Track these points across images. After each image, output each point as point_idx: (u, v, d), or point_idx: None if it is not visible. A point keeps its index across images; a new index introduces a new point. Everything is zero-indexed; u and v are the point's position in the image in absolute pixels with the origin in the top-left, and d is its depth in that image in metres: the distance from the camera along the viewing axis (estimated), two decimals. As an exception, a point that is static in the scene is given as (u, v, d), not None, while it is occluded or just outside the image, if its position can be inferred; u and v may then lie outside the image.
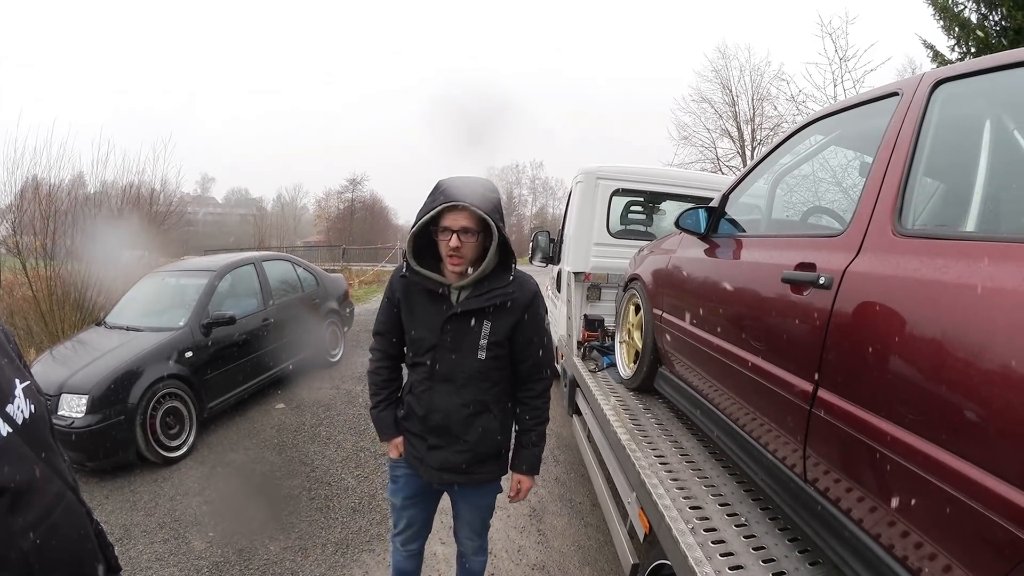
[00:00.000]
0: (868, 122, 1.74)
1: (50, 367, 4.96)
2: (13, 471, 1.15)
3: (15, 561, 1.12)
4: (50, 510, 1.24)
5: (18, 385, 1.27)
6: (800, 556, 1.74)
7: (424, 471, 2.19)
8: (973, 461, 1.02)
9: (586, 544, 3.64)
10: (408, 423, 2.20)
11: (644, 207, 5.39)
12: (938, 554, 1.12)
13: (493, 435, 2.18)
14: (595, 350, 4.37)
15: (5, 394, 1.21)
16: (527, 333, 2.13)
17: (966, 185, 1.38)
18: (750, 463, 1.98)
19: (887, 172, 1.49)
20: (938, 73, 1.50)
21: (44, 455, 1.29)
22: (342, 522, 3.92)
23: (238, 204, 55.88)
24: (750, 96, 21.18)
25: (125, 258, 9.80)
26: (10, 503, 1.12)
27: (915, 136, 1.45)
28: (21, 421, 1.23)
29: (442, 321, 2.04)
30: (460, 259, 1.96)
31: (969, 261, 1.13)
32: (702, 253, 2.49)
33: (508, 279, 2.07)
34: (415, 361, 2.14)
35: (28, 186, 9.24)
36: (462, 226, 1.92)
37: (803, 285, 1.62)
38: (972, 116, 1.47)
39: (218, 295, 6.02)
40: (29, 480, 1.19)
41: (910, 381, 1.20)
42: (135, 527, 3.88)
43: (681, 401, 2.68)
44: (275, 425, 5.81)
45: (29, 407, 1.27)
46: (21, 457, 1.19)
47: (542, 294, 2.21)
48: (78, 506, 1.35)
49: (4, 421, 1.16)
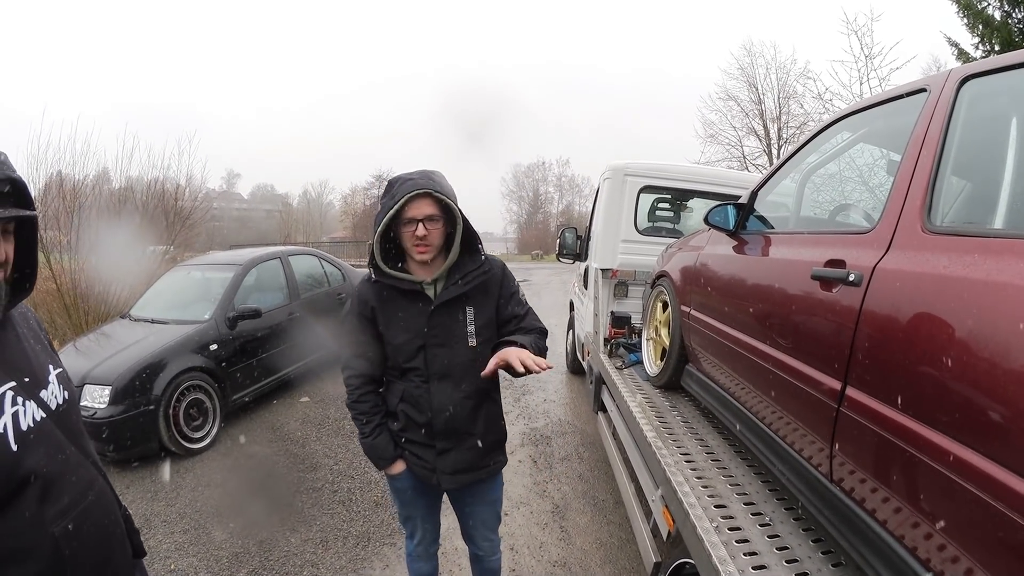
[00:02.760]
0: (896, 119, 1.72)
1: (73, 358, 5.03)
2: (46, 457, 1.20)
3: (46, 547, 1.16)
4: (82, 495, 1.27)
5: (52, 371, 1.33)
6: (823, 557, 1.72)
7: (438, 478, 2.16)
8: (999, 462, 1.00)
9: (608, 542, 3.63)
10: (408, 433, 2.15)
11: (672, 204, 5.36)
12: (962, 558, 1.09)
13: (497, 420, 2.22)
14: (622, 347, 4.35)
15: (40, 380, 1.27)
16: (509, 304, 2.15)
17: (995, 182, 1.35)
18: (776, 461, 1.96)
19: (916, 169, 1.47)
20: (965, 69, 1.48)
21: (76, 441, 1.32)
22: (364, 515, 3.96)
23: (264, 200, 56.34)
24: (776, 94, 20.94)
25: (149, 253, 9.99)
26: (41, 491, 1.16)
27: (943, 132, 1.44)
28: (55, 407, 1.28)
29: (425, 318, 2.04)
30: (427, 247, 1.97)
31: (999, 258, 1.11)
32: (731, 250, 2.47)
33: (481, 259, 2.09)
34: (406, 367, 2.09)
35: (52, 181, 9.48)
36: (427, 214, 1.93)
37: (832, 282, 1.61)
38: (1000, 112, 1.44)
39: (244, 289, 6.11)
40: (62, 466, 1.23)
41: (939, 380, 1.17)
42: (155, 517, 3.96)
43: (707, 398, 2.66)
44: (299, 418, 5.89)
45: (63, 393, 1.33)
46: (54, 443, 1.23)
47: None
48: (108, 491, 1.39)
49: (39, 406, 1.22)
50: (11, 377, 1.19)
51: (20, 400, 1.18)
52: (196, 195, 11.99)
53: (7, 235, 1.20)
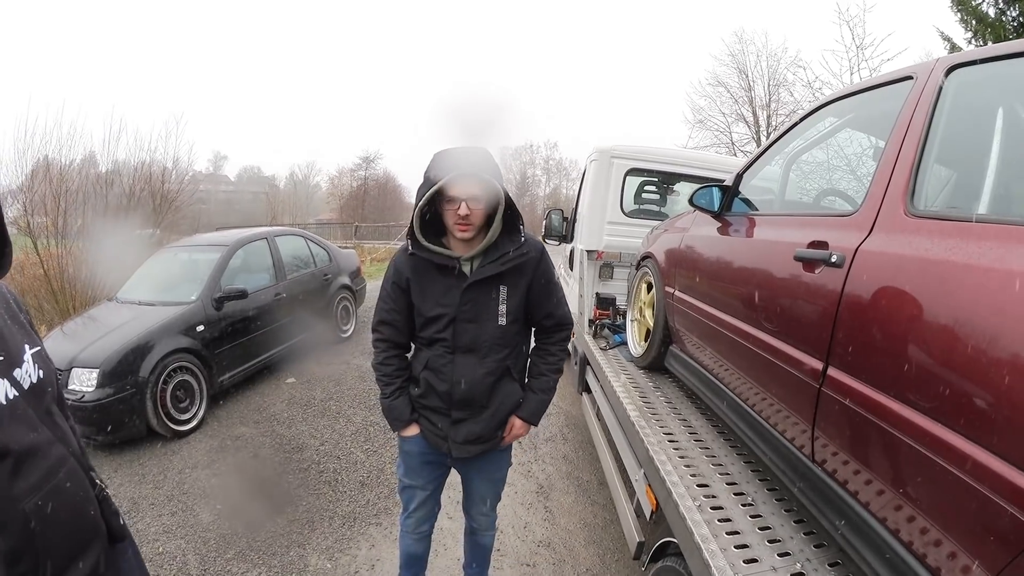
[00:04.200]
0: (882, 105, 1.73)
1: (60, 342, 4.98)
2: (17, 434, 1.20)
3: (17, 522, 1.18)
4: (52, 473, 1.27)
5: (27, 350, 1.33)
6: (805, 538, 1.74)
7: (450, 446, 2.19)
8: (976, 441, 1.02)
9: (592, 522, 3.67)
10: (427, 400, 2.18)
11: (658, 187, 5.36)
12: (943, 539, 1.12)
13: (514, 396, 2.22)
14: (606, 328, 4.37)
15: (14, 358, 1.29)
16: (543, 288, 2.16)
17: (978, 168, 1.38)
18: (758, 442, 1.99)
19: (900, 154, 1.49)
20: (952, 58, 1.49)
21: (49, 419, 1.33)
22: (350, 496, 3.97)
23: (251, 182, 55.29)
24: (766, 82, 20.84)
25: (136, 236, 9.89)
26: (12, 466, 1.17)
27: (928, 119, 1.45)
28: (28, 385, 1.28)
29: (460, 293, 2.05)
30: (469, 226, 1.97)
31: (980, 242, 1.13)
32: (715, 231, 2.47)
33: (521, 240, 2.08)
34: (433, 337, 2.12)
35: (39, 166, 9.35)
36: (471, 194, 1.92)
37: (815, 263, 1.62)
38: (985, 101, 1.46)
39: (230, 270, 6.04)
40: (33, 443, 1.23)
41: (918, 360, 1.19)
42: (143, 500, 3.95)
43: (691, 379, 2.68)
44: (285, 399, 5.87)
45: (37, 372, 1.33)
46: (26, 421, 1.24)
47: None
48: (80, 471, 1.38)
49: (11, 385, 1.23)
50: None
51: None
52: (183, 178, 11.86)
53: None
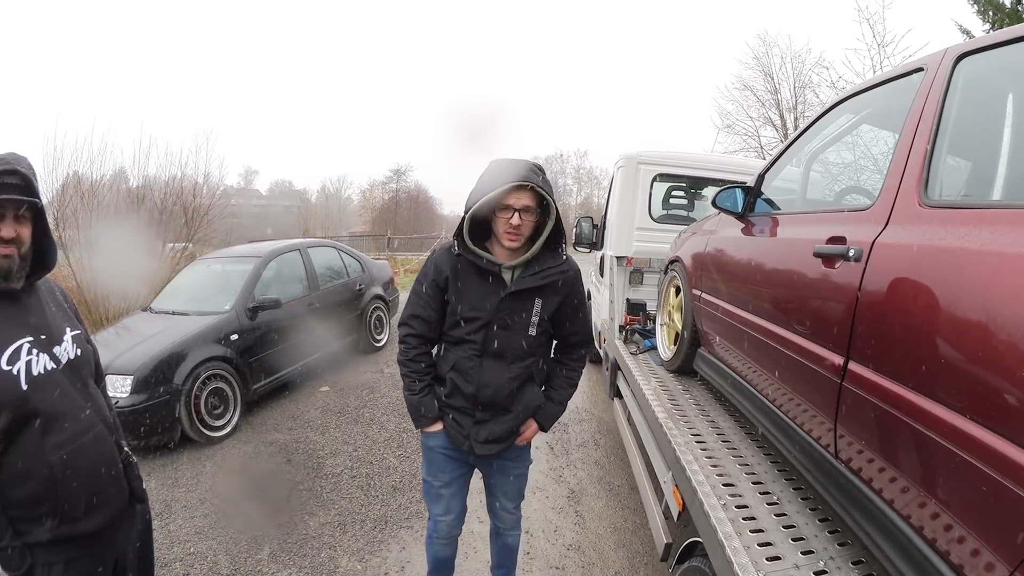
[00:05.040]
0: (895, 99, 1.73)
1: (94, 350, 5.12)
2: (49, 399, 1.55)
3: (42, 472, 1.52)
4: (80, 435, 1.61)
5: (68, 332, 1.70)
6: (830, 536, 1.73)
7: (470, 444, 2.24)
8: (1000, 432, 1.00)
9: (622, 526, 3.66)
10: (452, 400, 2.23)
11: (686, 192, 5.35)
12: (967, 536, 1.10)
13: (536, 400, 2.28)
14: (637, 333, 4.37)
15: (55, 338, 1.64)
16: (573, 308, 2.23)
17: (991, 155, 1.37)
18: (784, 441, 1.98)
19: (913, 145, 1.49)
20: (961, 47, 1.49)
21: (84, 390, 1.69)
22: (382, 500, 4.02)
23: (282, 196, 56.12)
24: (792, 83, 20.54)
25: (168, 250, 10.13)
26: (43, 425, 1.52)
27: (939, 109, 1.45)
28: (66, 360, 1.65)
29: (498, 300, 2.10)
30: (518, 236, 2.04)
31: (993, 228, 1.12)
32: (739, 232, 2.48)
33: (563, 259, 2.16)
34: (463, 339, 2.17)
35: (70, 181, 9.62)
36: (524, 205, 2.00)
37: (834, 258, 1.62)
38: (995, 87, 1.45)
39: (264, 280, 6.17)
40: (63, 408, 1.58)
41: (935, 351, 1.18)
42: (176, 502, 4.05)
43: (718, 380, 2.67)
44: (319, 407, 5.97)
45: (75, 350, 1.70)
46: (60, 389, 1.59)
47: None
48: (107, 437, 1.73)
49: (50, 359, 1.59)
50: (30, 334, 1.56)
51: (35, 352, 1.55)
52: (214, 192, 12.11)
53: (22, 220, 1.53)
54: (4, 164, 1.48)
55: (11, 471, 1.49)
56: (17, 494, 1.51)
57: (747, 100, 21.49)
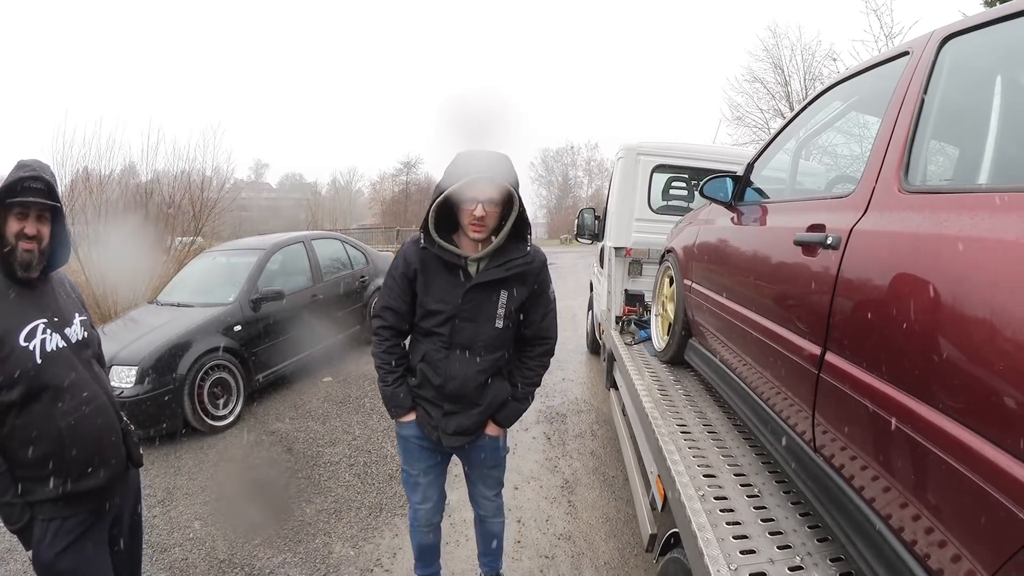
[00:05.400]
0: (881, 84, 1.68)
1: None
2: (60, 373, 1.80)
3: (52, 435, 1.77)
4: (86, 403, 1.86)
5: (77, 317, 1.96)
6: (809, 531, 1.70)
7: (439, 435, 2.26)
8: (971, 427, 0.96)
9: (614, 517, 3.64)
10: (422, 391, 2.25)
11: (686, 183, 5.30)
12: (935, 529, 1.06)
13: (504, 394, 2.28)
14: (633, 324, 4.35)
15: (66, 320, 1.90)
16: (538, 301, 2.23)
17: (975, 139, 1.33)
18: (766, 432, 1.95)
19: (894, 131, 1.45)
20: (946, 28, 1.44)
21: (89, 368, 1.94)
22: (378, 487, 4.04)
23: (292, 189, 55.76)
24: (802, 76, 20.29)
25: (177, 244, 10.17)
26: (53, 395, 1.77)
27: (922, 93, 1.40)
28: (75, 340, 1.90)
29: (463, 292, 2.10)
30: (483, 227, 2.03)
31: (972, 213, 1.08)
32: (727, 222, 2.45)
33: (527, 249, 2.14)
34: (431, 330, 2.18)
35: (79, 177, 9.68)
36: (488, 197, 1.99)
37: (813, 246, 1.59)
38: (980, 69, 1.41)
39: (268, 272, 6.20)
40: (72, 381, 1.83)
41: (909, 342, 1.15)
42: (178, 489, 4.09)
43: (706, 371, 2.65)
44: (322, 397, 6.00)
45: (83, 333, 1.96)
46: (69, 365, 1.84)
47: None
48: (108, 407, 1.97)
49: (62, 339, 1.85)
50: (44, 315, 1.82)
51: (49, 331, 1.81)
52: (222, 185, 12.14)
53: (44, 220, 1.80)
54: (30, 171, 1.75)
55: (24, 434, 1.74)
56: (27, 455, 1.74)
57: (757, 92, 21.29)
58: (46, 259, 1.84)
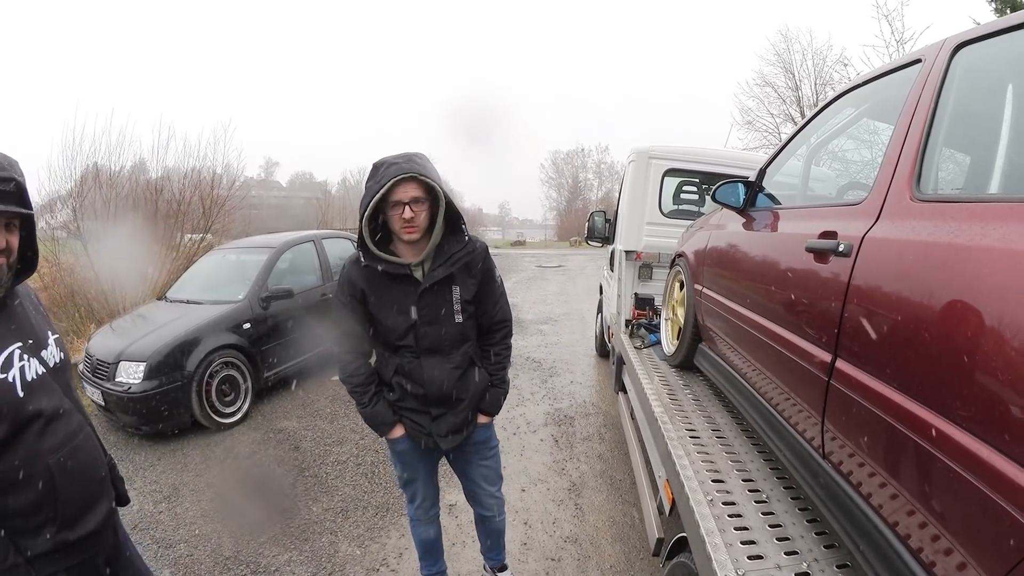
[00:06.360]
0: (893, 91, 1.68)
1: (109, 338, 5.26)
2: (46, 402, 1.52)
3: (41, 473, 1.47)
4: (73, 436, 1.59)
5: (51, 336, 1.68)
6: (816, 538, 1.70)
7: (435, 440, 2.29)
8: (981, 437, 0.95)
9: (621, 521, 3.64)
10: (405, 403, 2.27)
11: (697, 187, 5.29)
12: (940, 536, 1.06)
13: (483, 383, 2.33)
14: (642, 328, 4.35)
15: (41, 342, 1.61)
16: (488, 288, 2.26)
17: (987, 148, 1.32)
18: (775, 439, 1.95)
19: (907, 138, 1.45)
20: (959, 36, 1.43)
21: (70, 393, 1.66)
22: (385, 487, 4.06)
23: (302, 188, 55.78)
24: (813, 80, 20.29)
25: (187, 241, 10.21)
26: (41, 428, 1.49)
27: (934, 101, 1.40)
28: (53, 364, 1.62)
29: (415, 299, 2.12)
30: (415, 228, 2.03)
31: (983, 222, 1.07)
32: (739, 227, 2.45)
33: (465, 239, 2.17)
34: (397, 344, 2.20)
35: (88, 172, 9.69)
36: (412, 196, 1.99)
37: (825, 253, 1.59)
38: (992, 78, 1.40)
39: (278, 271, 6.24)
40: (58, 410, 1.55)
41: (919, 350, 1.14)
42: (184, 486, 4.12)
43: (716, 376, 2.65)
44: (330, 396, 6.03)
45: (59, 354, 1.67)
46: (52, 392, 1.56)
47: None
48: (94, 437, 1.71)
49: (40, 363, 1.56)
50: (19, 339, 1.51)
51: (26, 357, 1.50)
52: (233, 182, 12.16)
53: (11, 228, 1.47)
54: (0, 170, 1.41)
55: (9, 478, 1.42)
56: (16, 502, 1.44)
57: (768, 97, 21.28)
58: (13, 274, 1.54)
